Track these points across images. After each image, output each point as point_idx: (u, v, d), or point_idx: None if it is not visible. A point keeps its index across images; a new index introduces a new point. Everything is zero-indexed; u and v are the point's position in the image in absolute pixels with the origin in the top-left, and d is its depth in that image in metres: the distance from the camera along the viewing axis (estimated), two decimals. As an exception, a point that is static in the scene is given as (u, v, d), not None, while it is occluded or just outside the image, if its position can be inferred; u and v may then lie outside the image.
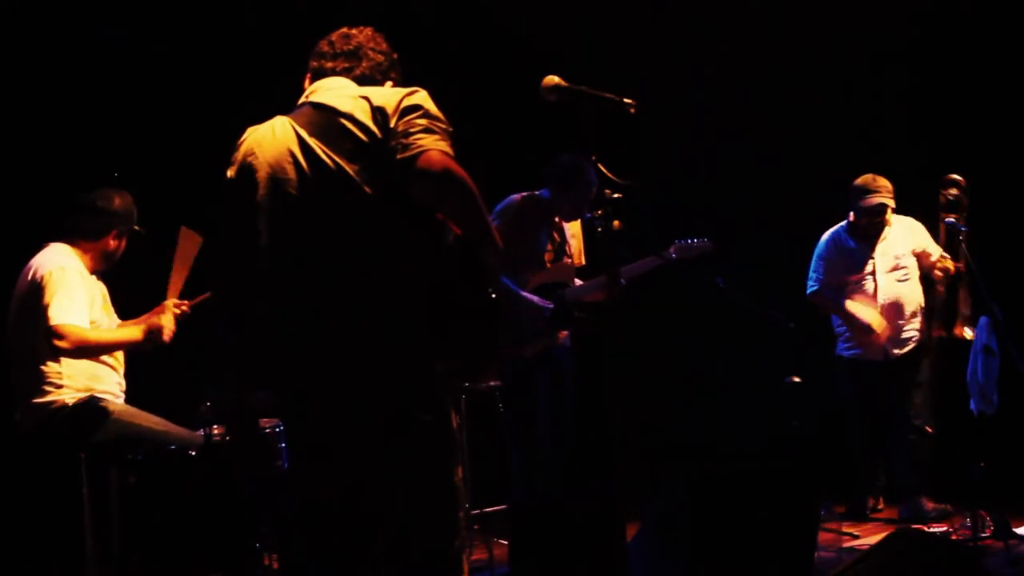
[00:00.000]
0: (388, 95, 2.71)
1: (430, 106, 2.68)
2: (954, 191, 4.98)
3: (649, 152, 5.98)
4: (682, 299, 6.46)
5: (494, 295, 2.70)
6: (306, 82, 2.90)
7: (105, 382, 4.35)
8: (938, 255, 5.55)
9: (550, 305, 5.05)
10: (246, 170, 2.74)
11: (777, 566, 3.85)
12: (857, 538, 5.25)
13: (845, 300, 5.72)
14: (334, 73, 2.86)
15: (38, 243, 4.39)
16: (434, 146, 2.61)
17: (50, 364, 4.23)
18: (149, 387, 4.57)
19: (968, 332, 5.02)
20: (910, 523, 5.40)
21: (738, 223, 6.37)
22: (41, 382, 4.23)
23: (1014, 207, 6.07)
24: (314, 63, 2.90)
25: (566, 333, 5.20)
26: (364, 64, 2.87)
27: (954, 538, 4.90)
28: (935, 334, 5.30)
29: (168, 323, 4.27)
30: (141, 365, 4.57)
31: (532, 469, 5.07)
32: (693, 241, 5.37)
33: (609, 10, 6.37)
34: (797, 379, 5.09)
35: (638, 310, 5.62)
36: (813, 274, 5.84)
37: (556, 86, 2.93)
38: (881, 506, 5.86)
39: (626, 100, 2.96)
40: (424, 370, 2.67)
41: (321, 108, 2.73)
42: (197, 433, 4.25)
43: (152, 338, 4.28)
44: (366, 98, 2.70)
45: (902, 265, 5.68)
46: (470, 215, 2.64)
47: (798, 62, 6.47)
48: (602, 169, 2.92)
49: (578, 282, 5.29)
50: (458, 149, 2.66)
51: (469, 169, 2.61)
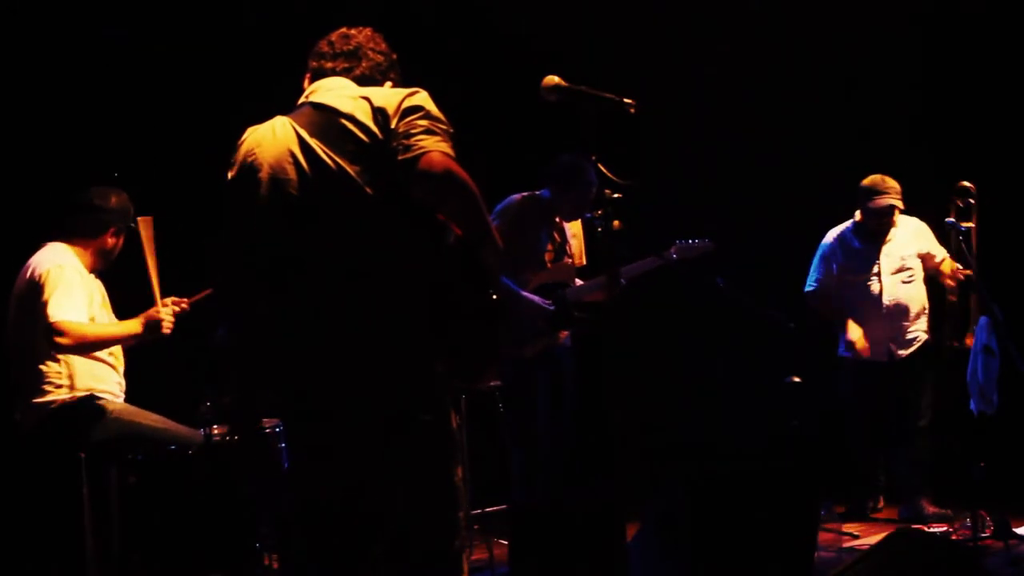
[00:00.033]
0: (389, 96, 2.71)
1: (431, 107, 2.69)
2: (965, 198, 4.94)
3: (649, 152, 5.98)
4: (682, 299, 6.46)
5: (495, 295, 2.70)
6: (305, 82, 2.90)
7: (105, 381, 4.34)
8: (942, 256, 5.55)
9: (551, 305, 5.05)
10: (246, 170, 2.73)
11: (777, 566, 3.85)
12: (857, 538, 5.25)
13: (842, 306, 5.73)
14: (334, 73, 2.86)
15: (37, 243, 4.39)
16: (435, 147, 2.61)
17: (50, 364, 4.23)
18: (149, 387, 4.56)
19: None
20: (910, 523, 5.40)
21: (738, 223, 6.37)
22: (41, 382, 4.23)
23: (1014, 207, 6.06)
24: (314, 63, 2.89)
25: (566, 333, 5.20)
26: (364, 64, 2.87)
27: (954, 538, 4.90)
28: (948, 343, 5.27)
29: (167, 316, 4.26)
30: (141, 365, 4.57)
31: (532, 469, 5.07)
32: (694, 241, 5.37)
33: (609, 10, 6.37)
34: (797, 379, 5.09)
35: (638, 310, 5.62)
36: (813, 273, 5.84)
37: (556, 86, 2.93)
38: (881, 505, 5.86)
39: (626, 100, 2.96)
40: (424, 370, 2.67)
41: (322, 108, 2.73)
42: (197, 432, 4.24)
43: (152, 329, 4.24)
44: (367, 99, 2.70)
45: (907, 267, 5.67)
46: (470, 216, 2.64)
47: (798, 62, 6.47)
48: (602, 169, 2.92)
49: (578, 282, 5.28)
50: (458, 149, 2.67)
51: (469, 169, 2.62)
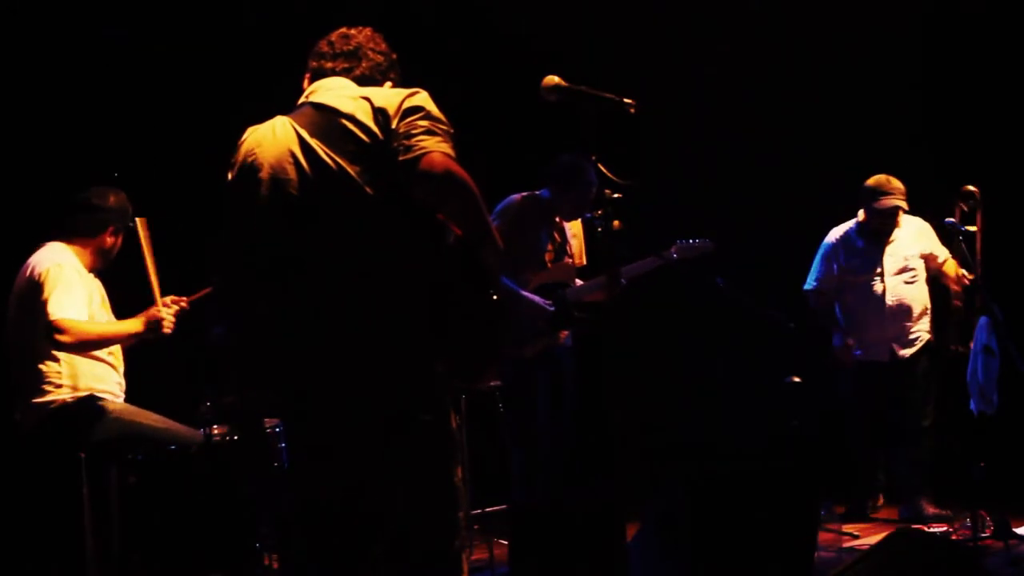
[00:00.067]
0: (389, 96, 2.71)
1: (431, 107, 2.69)
2: (970, 202, 4.93)
3: (649, 152, 5.98)
4: (682, 299, 6.46)
5: (495, 295, 2.70)
6: (305, 82, 2.90)
7: (105, 381, 4.34)
8: (945, 257, 5.55)
9: (551, 305, 5.05)
10: (247, 170, 2.73)
11: (777, 566, 3.85)
12: (857, 538, 5.25)
13: (839, 307, 5.73)
14: (334, 73, 2.86)
15: (36, 242, 4.39)
16: (436, 148, 2.61)
17: (50, 363, 4.23)
18: (149, 387, 4.56)
19: None
20: (910, 523, 5.40)
21: (738, 223, 6.37)
22: (41, 381, 4.23)
23: (1014, 207, 6.06)
24: (313, 63, 2.90)
25: (566, 333, 5.20)
26: (364, 64, 2.87)
27: (954, 538, 4.90)
28: (952, 348, 5.26)
29: (167, 314, 4.26)
30: (141, 365, 4.57)
31: (532, 469, 5.07)
32: (694, 241, 5.37)
33: (609, 10, 6.37)
34: (797, 379, 5.09)
35: (638, 310, 5.62)
36: (813, 272, 5.85)
37: (556, 86, 2.93)
38: (881, 504, 5.86)
39: (626, 100, 2.96)
40: (424, 370, 2.67)
41: (322, 109, 2.73)
42: (198, 432, 4.24)
43: (153, 328, 4.23)
44: (367, 99, 2.70)
45: (910, 267, 5.67)
46: (471, 216, 2.64)
47: (798, 62, 6.47)
48: (602, 169, 2.92)
49: (579, 282, 5.28)
50: (458, 150, 2.67)
51: (469, 169, 2.62)
